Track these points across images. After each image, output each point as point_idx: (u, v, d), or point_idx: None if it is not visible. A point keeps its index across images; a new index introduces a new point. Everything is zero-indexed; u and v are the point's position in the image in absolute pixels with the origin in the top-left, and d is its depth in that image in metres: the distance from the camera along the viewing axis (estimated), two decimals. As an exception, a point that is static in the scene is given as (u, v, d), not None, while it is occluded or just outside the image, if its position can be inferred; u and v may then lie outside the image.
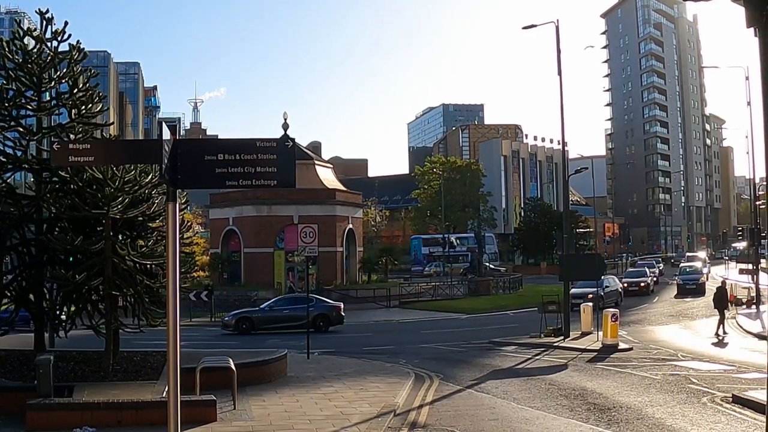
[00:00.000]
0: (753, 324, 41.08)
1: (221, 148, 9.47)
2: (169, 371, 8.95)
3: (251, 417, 19.30)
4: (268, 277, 70.79)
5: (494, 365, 31.01)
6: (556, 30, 43.07)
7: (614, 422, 18.77)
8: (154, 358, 23.87)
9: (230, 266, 75.22)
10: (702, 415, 19.35)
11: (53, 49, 24.18)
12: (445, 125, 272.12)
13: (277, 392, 23.19)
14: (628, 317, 48.26)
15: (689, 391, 23.12)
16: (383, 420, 19.08)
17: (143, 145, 13.71)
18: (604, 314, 35.38)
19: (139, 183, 22.58)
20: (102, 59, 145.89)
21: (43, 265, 23.68)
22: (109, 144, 13.65)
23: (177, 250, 9.17)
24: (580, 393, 23.25)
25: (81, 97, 24.28)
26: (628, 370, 28.04)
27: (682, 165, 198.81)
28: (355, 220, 79.09)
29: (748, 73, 54.28)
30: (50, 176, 23.90)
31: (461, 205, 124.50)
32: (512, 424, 18.96)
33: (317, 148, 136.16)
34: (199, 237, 76.91)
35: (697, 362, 29.81)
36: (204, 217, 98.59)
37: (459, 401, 22.59)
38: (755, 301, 50.82)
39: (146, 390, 19.87)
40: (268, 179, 9.34)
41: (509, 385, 25.51)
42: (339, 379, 26.22)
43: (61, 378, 20.27)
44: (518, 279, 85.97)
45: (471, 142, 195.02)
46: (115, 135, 31.54)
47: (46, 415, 17.36)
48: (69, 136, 23.41)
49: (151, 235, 24.32)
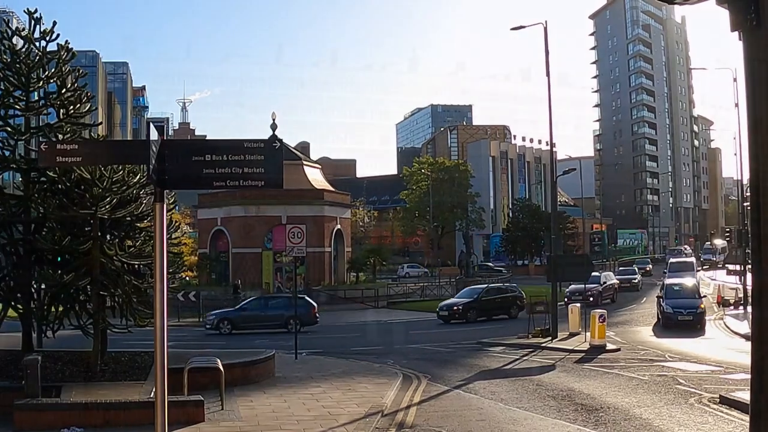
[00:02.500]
0: (740, 325, 41.22)
1: (209, 149, 9.49)
2: (157, 371, 8.97)
3: (239, 417, 19.32)
4: (257, 277, 70.80)
5: (482, 366, 31.07)
6: (544, 31, 43.14)
7: (601, 423, 18.83)
8: (142, 359, 23.84)
9: (218, 266, 75.23)
10: (689, 416, 19.43)
11: (41, 48, 24.10)
12: (433, 126, 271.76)
13: (264, 392, 23.21)
14: (615, 318, 48.37)
15: (677, 392, 23.21)
16: (371, 420, 19.11)
17: (131, 146, 13.71)
18: (592, 315, 35.47)
19: (127, 183, 22.54)
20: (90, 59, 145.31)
21: (31, 265, 23.64)
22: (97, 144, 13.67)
23: (165, 250, 9.18)
24: (567, 394, 23.31)
25: (69, 97, 24.20)
26: (615, 370, 28.12)
27: (670, 166, 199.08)
28: (344, 221, 79.15)
29: (735, 75, 54.45)
30: (38, 176, 23.83)
31: (449, 206, 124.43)
32: (500, 424, 19.01)
33: (306, 149, 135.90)
34: (187, 237, 76.90)
35: (684, 363, 29.92)
36: (192, 218, 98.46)
37: (447, 402, 22.63)
38: (742, 302, 50.97)
39: (134, 390, 19.86)
40: (256, 180, 9.37)
41: (497, 385, 25.56)
42: (327, 379, 26.25)
43: (49, 378, 20.23)
44: (506, 280, 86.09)
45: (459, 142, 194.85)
46: (104, 135, 31.48)
47: (33, 415, 17.36)
48: (57, 136, 23.33)
49: (139, 236, 24.28)
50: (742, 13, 5.87)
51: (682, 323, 42.79)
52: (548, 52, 42.63)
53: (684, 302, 44.44)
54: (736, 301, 52.83)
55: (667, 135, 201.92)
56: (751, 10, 5.79)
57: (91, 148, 10.53)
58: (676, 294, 46.07)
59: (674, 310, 43.76)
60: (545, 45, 42.91)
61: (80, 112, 24.66)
